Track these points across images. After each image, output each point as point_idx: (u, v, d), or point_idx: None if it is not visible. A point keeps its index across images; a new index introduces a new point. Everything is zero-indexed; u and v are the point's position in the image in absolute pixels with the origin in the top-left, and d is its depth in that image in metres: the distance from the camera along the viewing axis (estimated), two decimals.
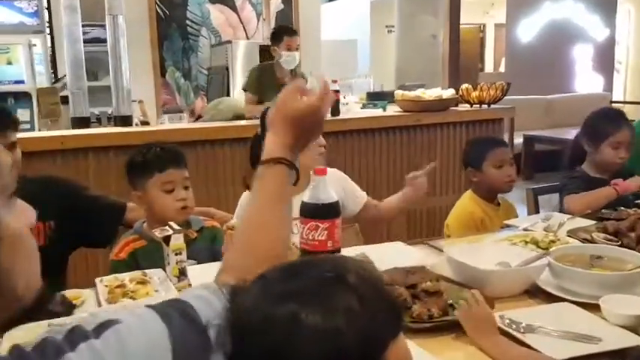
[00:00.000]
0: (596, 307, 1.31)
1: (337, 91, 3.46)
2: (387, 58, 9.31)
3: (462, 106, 3.79)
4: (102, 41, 4.03)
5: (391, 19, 7.46)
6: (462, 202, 2.23)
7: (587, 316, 1.31)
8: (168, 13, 5.91)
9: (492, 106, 3.72)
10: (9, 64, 4.86)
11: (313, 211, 1.40)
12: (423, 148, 3.59)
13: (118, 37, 3.17)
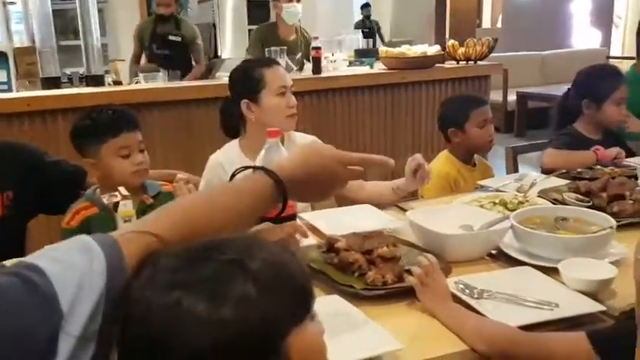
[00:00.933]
0: (558, 272, 1.26)
1: (318, 48, 3.36)
2: (383, 13, 9.10)
3: (449, 63, 3.69)
4: None
5: None
6: (437, 162, 2.17)
7: (547, 281, 1.26)
8: None
9: (479, 63, 3.62)
10: None
11: None
12: (407, 107, 3.51)
13: None
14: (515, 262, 1.38)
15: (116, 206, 1.39)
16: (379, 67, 3.66)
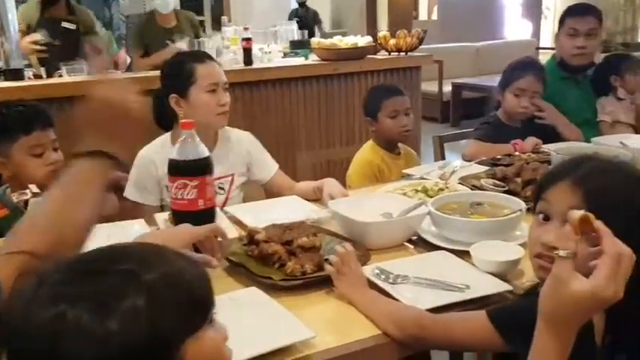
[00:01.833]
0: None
1: (249, 39, 3.33)
2: (323, 3, 9.10)
3: (381, 55, 3.73)
4: None
5: None
6: (362, 151, 2.20)
7: (460, 264, 1.31)
8: None
9: (410, 54, 3.68)
10: None
11: (181, 169, 1.32)
12: (341, 98, 3.52)
13: None
14: (432, 247, 1.41)
15: (26, 204, 1.34)
16: (313, 59, 3.66)
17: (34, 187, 1.37)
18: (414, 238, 1.48)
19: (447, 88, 6.83)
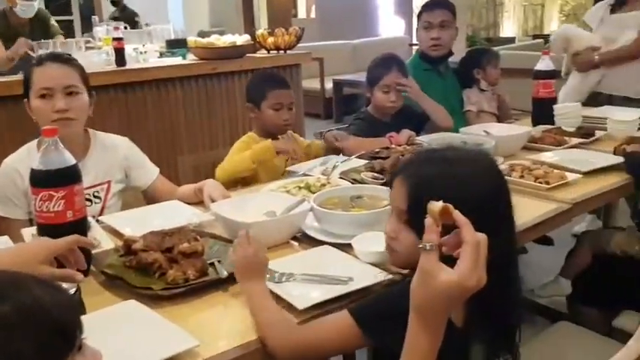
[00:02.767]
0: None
1: (120, 39, 3.17)
2: (200, 1, 8.90)
3: (260, 53, 3.72)
4: None
5: None
6: (238, 141, 2.17)
7: (343, 257, 1.33)
8: None
9: (289, 52, 3.70)
10: None
11: (45, 179, 1.22)
12: (222, 98, 3.46)
13: None
14: (317, 243, 1.43)
15: None
16: (191, 59, 3.56)
17: None
18: (298, 235, 1.49)
19: (328, 85, 6.97)
